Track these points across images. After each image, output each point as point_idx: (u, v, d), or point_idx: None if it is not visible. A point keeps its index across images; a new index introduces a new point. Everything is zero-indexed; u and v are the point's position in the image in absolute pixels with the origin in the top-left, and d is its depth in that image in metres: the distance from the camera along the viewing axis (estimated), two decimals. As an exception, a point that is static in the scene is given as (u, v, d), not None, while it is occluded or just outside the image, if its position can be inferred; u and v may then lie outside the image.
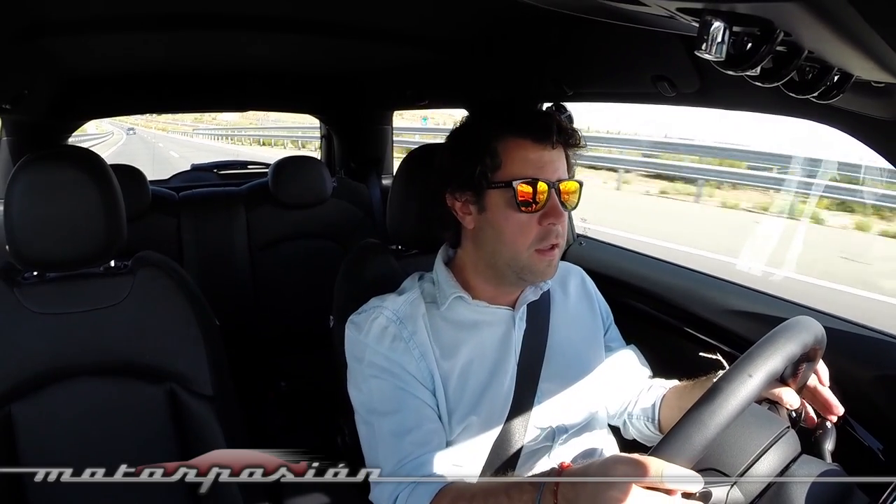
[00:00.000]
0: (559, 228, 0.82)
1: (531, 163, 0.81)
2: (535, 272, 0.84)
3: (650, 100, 1.14)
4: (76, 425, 1.01)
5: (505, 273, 0.85)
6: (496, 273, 0.87)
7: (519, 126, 0.83)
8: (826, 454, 0.71)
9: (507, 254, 0.83)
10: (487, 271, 0.88)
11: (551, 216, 0.81)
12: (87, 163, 1.00)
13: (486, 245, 0.86)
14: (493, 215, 0.83)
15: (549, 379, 0.89)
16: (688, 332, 1.27)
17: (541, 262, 0.83)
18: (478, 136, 0.85)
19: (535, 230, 0.82)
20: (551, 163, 0.82)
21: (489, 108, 0.89)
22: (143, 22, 1.22)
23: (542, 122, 0.83)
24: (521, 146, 0.82)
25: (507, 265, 0.84)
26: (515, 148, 0.82)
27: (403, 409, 0.82)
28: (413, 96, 1.91)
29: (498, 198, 0.82)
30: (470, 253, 0.89)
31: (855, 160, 5.30)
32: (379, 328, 0.86)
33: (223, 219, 1.98)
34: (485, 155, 0.82)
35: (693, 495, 0.53)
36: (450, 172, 0.87)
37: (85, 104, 2.00)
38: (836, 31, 0.41)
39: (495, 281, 0.88)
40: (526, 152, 0.82)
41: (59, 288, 1.02)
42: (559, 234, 0.83)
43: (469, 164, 0.83)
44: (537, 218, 0.81)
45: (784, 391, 0.75)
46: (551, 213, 0.81)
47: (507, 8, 0.92)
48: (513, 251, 0.83)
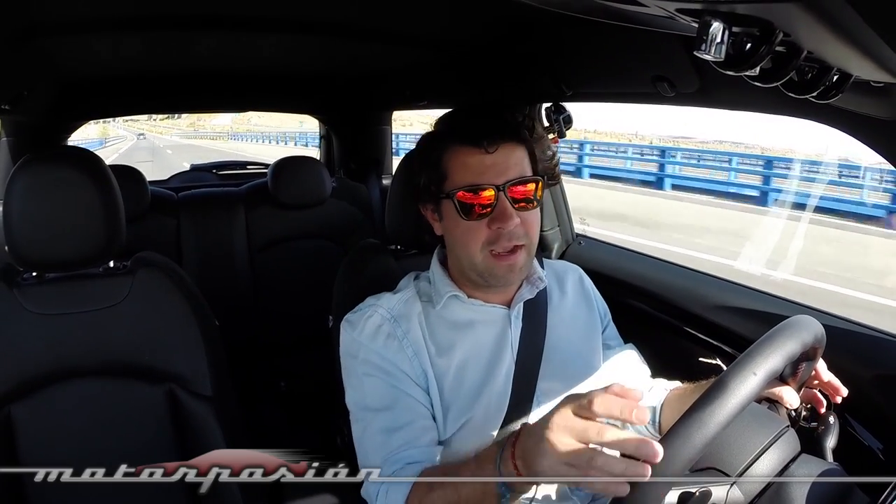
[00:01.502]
0: (516, 230, 0.81)
1: (471, 168, 0.82)
2: (496, 276, 0.84)
3: (650, 100, 1.14)
4: (76, 426, 1.00)
5: (471, 277, 0.87)
6: (467, 277, 0.88)
7: (456, 133, 0.84)
8: (828, 452, 0.71)
9: (465, 259, 0.85)
10: (462, 274, 0.89)
11: (498, 220, 0.81)
12: (87, 163, 1.00)
13: (451, 251, 0.89)
14: (447, 223, 0.86)
15: (548, 378, 0.89)
16: (687, 331, 1.27)
17: (499, 266, 0.83)
18: (426, 149, 0.87)
19: (484, 234, 0.82)
20: (494, 166, 0.81)
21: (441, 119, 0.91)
22: (144, 23, 1.22)
23: (479, 124, 0.82)
24: (460, 153, 0.83)
25: (469, 269, 0.86)
26: (456, 155, 0.83)
27: (395, 406, 0.82)
28: (412, 97, 1.91)
29: (448, 207, 0.84)
30: (449, 256, 0.92)
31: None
32: (373, 327, 0.86)
33: (223, 219, 1.98)
34: (429, 168, 0.85)
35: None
36: (414, 184, 0.90)
37: (84, 105, 2.01)
38: (835, 32, 0.41)
39: (471, 284, 0.89)
40: (465, 158, 0.82)
41: (58, 288, 1.02)
42: (515, 235, 0.82)
43: (422, 177, 0.86)
44: (486, 223, 0.82)
45: (784, 390, 0.75)
46: (498, 218, 0.81)
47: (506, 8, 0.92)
48: (468, 256, 0.84)
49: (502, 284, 0.87)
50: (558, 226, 1.69)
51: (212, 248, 1.95)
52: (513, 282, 0.87)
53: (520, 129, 0.84)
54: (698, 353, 1.18)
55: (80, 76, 1.74)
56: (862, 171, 7.90)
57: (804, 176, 8.87)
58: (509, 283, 0.87)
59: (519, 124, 0.84)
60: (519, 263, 0.84)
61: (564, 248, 1.70)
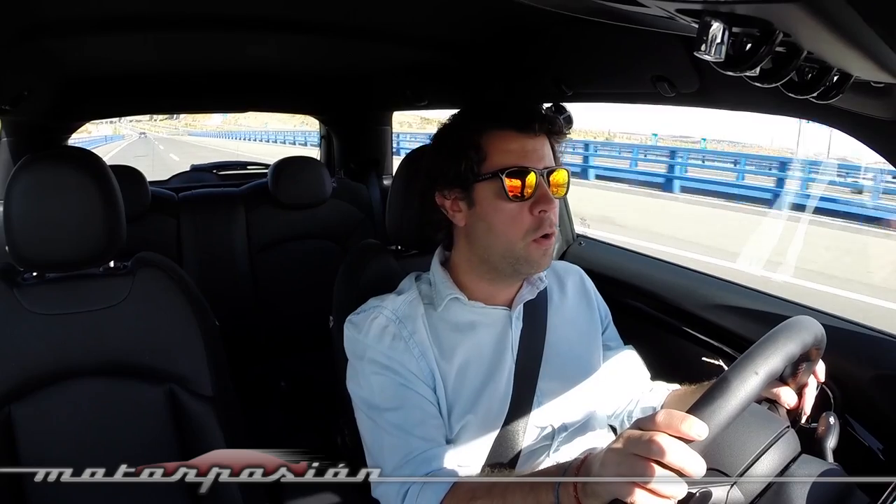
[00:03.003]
0: (552, 217, 0.82)
1: (515, 152, 0.81)
2: (532, 262, 0.83)
3: (650, 100, 1.14)
4: (76, 426, 1.00)
5: (500, 267, 0.85)
6: (491, 268, 0.86)
7: (500, 117, 0.83)
8: (828, 452, 0.71)
9: (501, 246, 0.83)
10: (482, 267, 0.87)
11: (542, 204, 0.80)
12: (87, 163, 1.00)
13: (479, 240, 0.85)
14: (482, 209, 0.83)
15: (548, 378, 0.89)
16: (688, 331, 1.27)
17: (536, 251, 0.82)
18: (461, 133, 0.85)
19: (527, 220, 0.81)
20: (535, 151, 0.82)
21: (471, 106, 0.90)
22: (143, 23, 1.22)
23: (522, 110, 0.83)
24: (503, 136, 0.82)
25: (502, 258, 0.84)
26: (498, 139, 0.82)
27: (406, 405, 0.82)
28: (412, 97, 1.91)
29: (486, 190, 0.82)
30: (464, 251, 0.89)
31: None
32: (378, 328, 0.86)
33: (223, 219, 1.98)
34: (469, 149, 0.83)
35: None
36: (436, 172, 0.87)
37: (85, 105, 2.00)
38: (836, 32, 0.41)
39: (490, 277, 0.88)
40: (509, 142, 0.82)
41: (58, 289, 1.02)
42: (552, 222, 0.82)
43: (454, 161, 0.83)
44: (528, 207, 0.81)
45: (783, 390, 0.75)
46: (542, 201, 0.80)
47: (506, 9, 0.92)
48: (506, 243, 0.82)
49: (534, 271, 0.86)
50: (558, 226, 1.69)
51: (212, 249, 1.95)
52: (544, 267, 0.86)
53: (556, 120, 0.85)
54: (699, 354, 1.18)
55: (80, 76, 1.74)
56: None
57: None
58: (541, 269, 0.86)
59: (555, 117, 0.85)
60: (551, 249, 0.84)
61: (565, 249, 1.70)
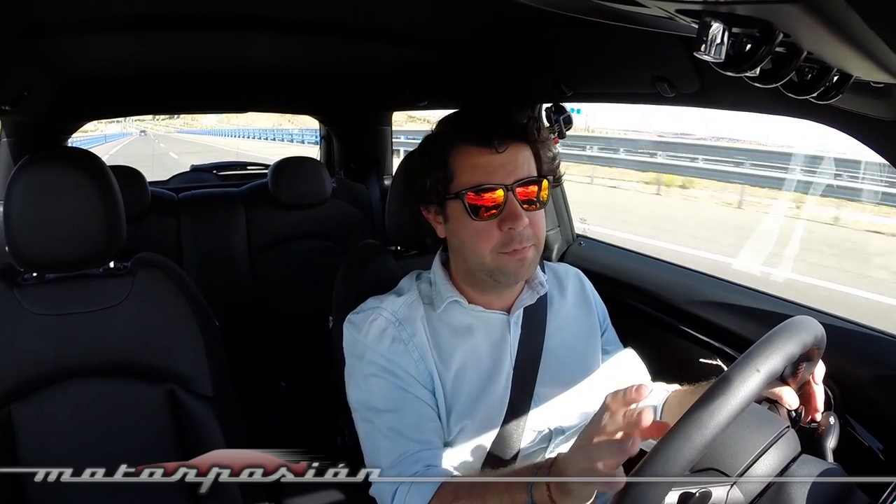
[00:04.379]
0: (525, 231, 0.80)
1: (480, 168, 0.80)
2: (507, 273, 0.83)
3: (650, 100, 1.14)
4: (76, 426, 1.00)
5: (480, 277, 0.86)
6: (474, 278, 0.87)
7: (464, 133, 0.82)
8: (828, 452, 0.71)
9: (474, 260, 0.84)
10: (468, 277, 0.88)
11: (509, 221, 0.80)
12: (87, 164, 1.00)
13: (456, 252, 0.87)
14: (454, 225, 0.84)
15: (546, 382, 0.89)
16: (687, 331, 1.27)
17: (509, 262, 0.81)
18: (431, 150, 0.85)
19: (495, 236, 0.81)
20: (503, 166, 0.81)
21: (446, 119, 0.90)
22: (143, 23, 1.22)
23: (485, 125, 0.81)
24: (468, 153, 0.82)
25: (478, 270, 0.84)
26: (464, 156, 0.82)
27: (404, 408, 0.82)
28: (412, 97, 1.91)
29: (455, 208, 0.83)
30: (453, 259, 0.90)
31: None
32: (378, 330, 0.86)
33: (223, 219, 1.98)
34: (436, 168, 0.83)
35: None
36: (416, 186, 0.88)
37: (85, 105, 2.00)
38: (835, 33, 0.41)
39: (477, 286, 0.88)
40: (473, 158, 0.81)
41: (58, 289, 1.02)
42: (525, 237, 0.81)
43: (426, 178, 0.84)
44: (496, 223, 0.80)
45: (783, 390, 0.75)
46: (509, 218, 0.80)
47: (506, 9, 0.92)
48: (477, 257, 0.83)
49: (512, 282, 0.86)
50: (559, 226, 1.69)
51: (212, 249, 1.95)
52: (523, 277, 0.85)
53: (528, 129, 0.83)
54: (699, 354, 1.18)
55: (80, 76, 1.74)
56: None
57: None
58: (519, 280, 0.86)
59: (527, 124, 0.84)
60: (529, 258, 0.83)
61: (565, 249, 1.70)
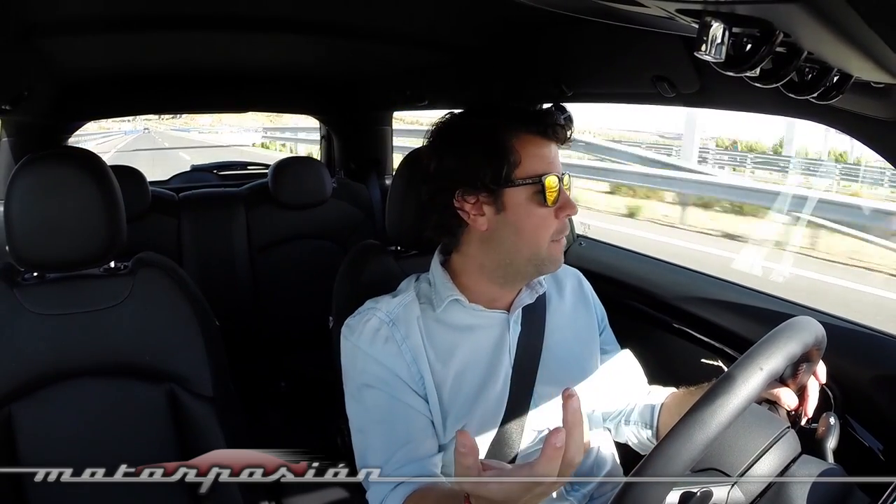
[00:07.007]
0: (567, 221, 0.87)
1: (544, 158, 0.84)
2: (555, 261, 0.87)
3: (650, 100, 1.14)
4: (76, 426, 1.00)
5: (523, 269, 0.86)
6: (510, 272, 0.86)
7: (532, 123, 0.84)
8: (828, 452, 0.71)
9: (528, 250, 0.84)
10: (497, 272, 0.87)
11: (567, 209, 0.84)
12: (88, 163, 1.00)
13: (503, 244, 0.84)
14: (513, 214, 0.83)
15: (545, 382, 0.89)
16: (687, 332, 1.27)
17: (558, 251, 0.86)
18: (492, 136, 0.83)
19: (553, 224, 0.84)
20: (556, 158, 0.86)
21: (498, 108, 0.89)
22: (143, 23, 1.22)
23: (551, 118, 0.85)
24: (534, 142, 0.83)
25: (527, 261, 0.85)
26: (530, 145, 0.83)
27: (395, 419, 0.82)
28: (413, 97, 1.91)
29: (518, 195, 0.82)
30: (475, 255, 0.87)
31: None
32: (371, 330, 0.85)
33: (223, 219, 1.98)
34: (499, 155, 0.82)
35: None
36: (461, 174, 0.84)
37: (85, 105, 2.00)
38: (836, 32, 0.41)
39: (503, 281, 0.88)
40: (539, 148, 0.84)
41: (59, 289, 1.02)
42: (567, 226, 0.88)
43: (485, 164, 0.82)
44: (554, 212, 0.84)
45: (783, 391, 0.75)
46: (567, 206, 0.84)
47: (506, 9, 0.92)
48: (534, 246, 0.84)
49: (555, 269, 0.89)
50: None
51: (212, 249, 1.95)
52: (561, 264, 0.90)
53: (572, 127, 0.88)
54: (700, 355, 1.18)
55: (80, 76, 1.74)
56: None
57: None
58: (558, 267, 0.90)
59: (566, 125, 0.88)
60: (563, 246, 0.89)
61: (566, 250, 1.69)
